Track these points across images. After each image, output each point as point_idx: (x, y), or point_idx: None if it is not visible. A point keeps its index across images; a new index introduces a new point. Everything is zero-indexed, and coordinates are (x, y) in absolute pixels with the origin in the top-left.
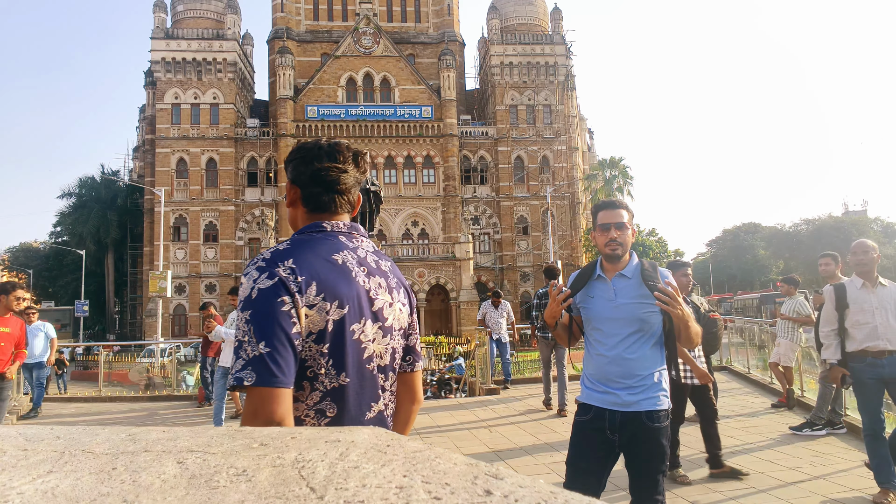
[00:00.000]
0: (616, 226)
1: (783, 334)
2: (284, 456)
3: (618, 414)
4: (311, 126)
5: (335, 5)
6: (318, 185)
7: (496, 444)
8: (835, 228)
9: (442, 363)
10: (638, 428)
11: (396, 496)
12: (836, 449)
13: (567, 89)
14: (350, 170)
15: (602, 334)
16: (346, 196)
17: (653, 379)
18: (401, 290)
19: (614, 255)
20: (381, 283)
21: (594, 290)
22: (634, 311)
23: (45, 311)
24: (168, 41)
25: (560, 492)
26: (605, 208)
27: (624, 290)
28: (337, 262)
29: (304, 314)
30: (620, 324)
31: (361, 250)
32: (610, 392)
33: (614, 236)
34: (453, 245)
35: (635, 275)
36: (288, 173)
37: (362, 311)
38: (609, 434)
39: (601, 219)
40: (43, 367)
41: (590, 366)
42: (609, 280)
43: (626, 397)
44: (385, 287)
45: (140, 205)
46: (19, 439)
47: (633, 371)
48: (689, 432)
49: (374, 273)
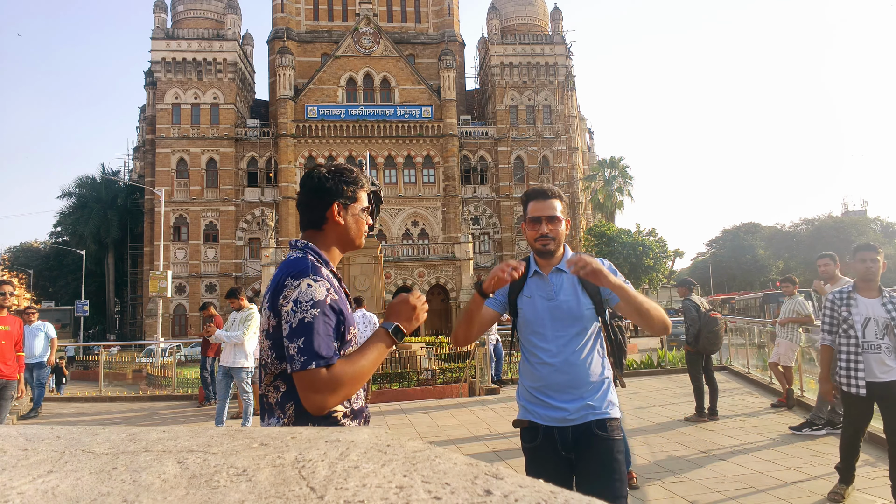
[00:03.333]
0: (548, 219)
1: (783, 334)
2: (284, 456)
3: (569, 430)
4: (311, 126)
5: (335, 5)
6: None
7: (496, 444)
8: (834, 228)
9: (441, 362)
10: (589, 441)
11: (396, 496)
12: (835, 449)
13: (567, 89)
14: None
15: (542, 338)
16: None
17: (602, 385)
18: (267, 295)
19: (546, 252)
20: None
21: (531, 289)
22: (575, 308)
23: (46, 311)
24: (168, 41)
25: (560, 491)
26: (536, 198)
27: (562, 286)
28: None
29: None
30: (563, 324)
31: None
32: (556, 406)
33: (545, 231)
34: (453, 245)
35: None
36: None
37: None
38: (564, 454)
39: (531, 210)
40: (43, 367)
41: (530, 377)
42: (546, 276)
43: (574, 409)
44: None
45: (140, 205)
46: (19, 439)
47: (581, 378)
48: (689, 432)
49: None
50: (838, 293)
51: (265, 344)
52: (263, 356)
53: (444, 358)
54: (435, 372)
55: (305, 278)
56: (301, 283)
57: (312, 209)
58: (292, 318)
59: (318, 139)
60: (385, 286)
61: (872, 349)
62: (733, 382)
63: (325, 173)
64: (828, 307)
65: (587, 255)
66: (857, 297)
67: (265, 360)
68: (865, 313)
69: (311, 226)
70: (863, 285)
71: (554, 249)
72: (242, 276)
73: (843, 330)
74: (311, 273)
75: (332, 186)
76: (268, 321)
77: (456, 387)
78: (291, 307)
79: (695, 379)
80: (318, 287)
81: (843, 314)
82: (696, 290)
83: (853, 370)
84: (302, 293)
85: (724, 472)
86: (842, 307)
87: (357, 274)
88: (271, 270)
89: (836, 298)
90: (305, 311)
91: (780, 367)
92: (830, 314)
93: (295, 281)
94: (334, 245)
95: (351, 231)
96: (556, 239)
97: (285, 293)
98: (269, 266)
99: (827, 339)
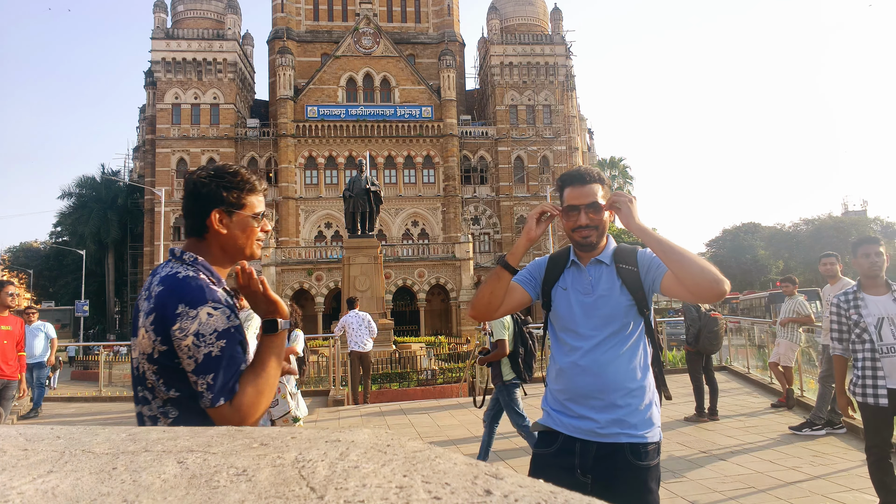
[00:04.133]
0: (587, 207)
1: (783, 334)
2: (284, 456)
3: (592, 446)
4: (311, 126)
5: (335, 5)
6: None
7: (496, 444)
8: (834, 228)
9: (441, 362)
10: (617, 467)
11: (396, 496)
12: (835, 449)
13: (567, 89)
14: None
15: (575, 336)
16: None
17: (641, 398)
18: (151, 316)
19: (587, 244)
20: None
21: (566, 281)
22: (615, 305)
23: (46, 311)
24: (168, 41)
25: (560, 491)
26: (572, 183)
27: (602, 280)
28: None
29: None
30: (599, 322)
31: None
32: (583, 416)
33: (584, 221)
34: (453, 245)
35: (612, 261)
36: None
37: (134, 331)
38: (580, 475)
39: (567, 198)
40: (43, 366)
41: (556, 379)
42: (584, 267)
43: (605, 422)
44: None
45: (140, 205)
46: (19, 439)
47: (613, 384)
48: (689, 432)
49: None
50: (843, 295)
51: (148, 367)
52: (147, 377)
53: (444, 358)
54: (435, 372)
55: (203, 307)
56: (200, 313)
57: (193, 216)
58: (196, 354)
59: (318, 139)
60: (385, 286)
61: (892, 352)
62: (733, 382)
63: (203, 177)
64: (834, 312)
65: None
66: (865, 297)
67: (151, 384)
68: (877, 313)
69: (194, 233)
70: (868, 282)
71: (595, 242)
72: None
73: (857, 335)
74: (209, 299)
75: (211, 192)
76: (152, 345)
77: (456, 387)
78: (193, 341)
79: (695, 379)
80: (218, 315)
81: (852, 318)
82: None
83: (871, 377)
84: (203, 325)
85: (724, 472)
86: (850, 310)
87: (357, 274)
88: (272, 270)
89: (842, 301)
90: (211, 344)
91: (780, 367)
92: (838, 319)
93: (192, 310)
94: (219, 255)
95: (237, 241)
96: (598, 229)
97: (181, 324)
98: (269, 266)
99: (838, 347)
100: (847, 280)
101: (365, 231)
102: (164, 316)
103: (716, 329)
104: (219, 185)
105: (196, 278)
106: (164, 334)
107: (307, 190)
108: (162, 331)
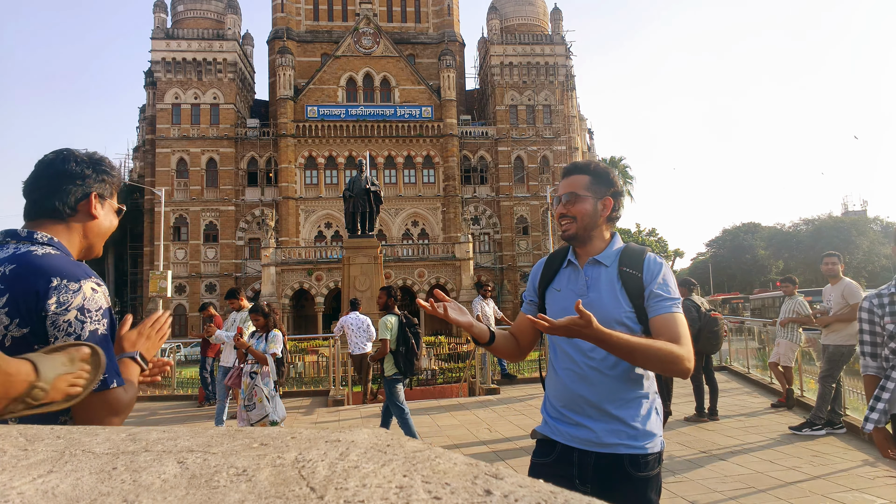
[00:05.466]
0: (566, 197)
1: (783, 334)
2: (284, 456)
3: (591, 456)
4: (311, 126)
5: (335, 5)
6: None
7: (496, 444)
8: (834, 228)
9: (441, 362)
10: (616, 478)
11: (396, 496)
12: (835, 449)
13: (567, 89)
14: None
15: (569, 342)
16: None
17: (640, 407)
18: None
19: (566, 237)
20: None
21: (561, 281)
22: (610, 311)
23: None
24: (168, 41)
25: (560, 491)
26: (564, 176)
27: (598, 282)
28: None
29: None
30: None
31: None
32: (580, 424)
33: (561, 212)
34: (453, 245)
35: (614, 263)
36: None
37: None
38: (579, 485)
39: (558, 189)
40: None
41: (554, 385)
42: (580, 268)
43: (603, 431)
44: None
45: (140, 205)
46: (19, 439)
47: (611, 392)
48: (689, 432)
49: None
50: (876, 297)
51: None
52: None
53: (444, 358)
54: (435, 372)
55: (86, 280)
56: (83, 287)
57: (59, 194)
58: (80, 330)
59: (318, 139)
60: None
61: None
62: (733, 382)
63: (84, 156)
64: (865, 319)
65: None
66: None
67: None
68: None
69: (50, 215)
70: None
71: (575, 233)
72: (242, 276)
73: (892, 350)
74: (91, 275)
75: (92, 174)
76: (3, 331)
77: (456, 387)
78: (77, 315)
79: (695, 379)
80: (102, 293)
81: (887, 327)
82: (696, 291)
83: None
84: (88, 300)
85: (724, 472)
86: (884, 317)
87: (357, 274)
88: (272, 270)
89: (875, 306)
90: (97, 321)
91: (780, 366)
92: (870, 329)
93: (73, 283)
94: (76, 243)
95: (102, 229)
96: (576, 220)
97: (58, 297)
98: (269, 266)
99: (871, 365)
100: (848, 280)
101: (365, 231)
102: (24, 293)
103: (716, 329)
104: (100, 169)
105: (61, 256)
106: (24, 315)
107: (307, 190)
108: (21, 311)
